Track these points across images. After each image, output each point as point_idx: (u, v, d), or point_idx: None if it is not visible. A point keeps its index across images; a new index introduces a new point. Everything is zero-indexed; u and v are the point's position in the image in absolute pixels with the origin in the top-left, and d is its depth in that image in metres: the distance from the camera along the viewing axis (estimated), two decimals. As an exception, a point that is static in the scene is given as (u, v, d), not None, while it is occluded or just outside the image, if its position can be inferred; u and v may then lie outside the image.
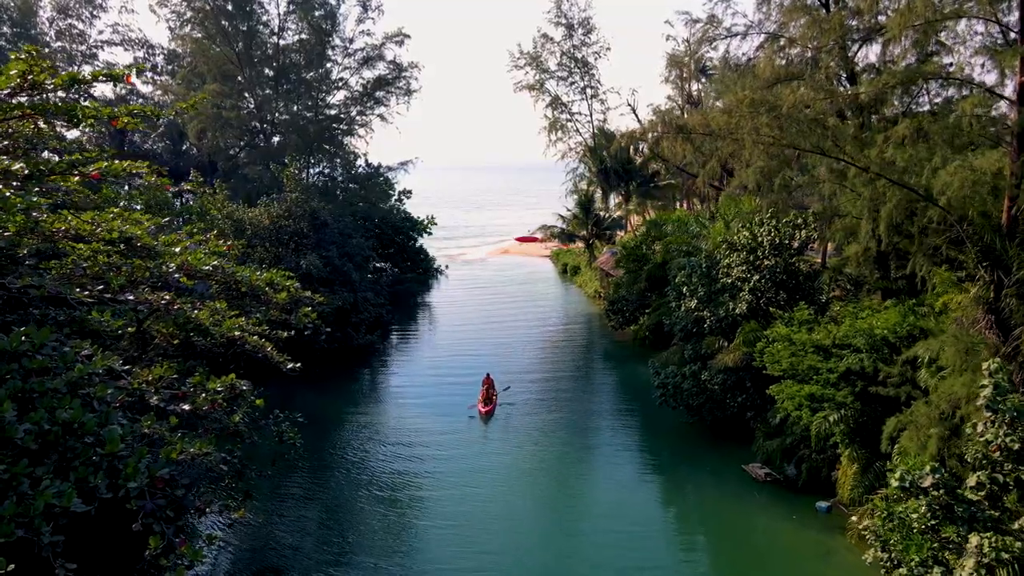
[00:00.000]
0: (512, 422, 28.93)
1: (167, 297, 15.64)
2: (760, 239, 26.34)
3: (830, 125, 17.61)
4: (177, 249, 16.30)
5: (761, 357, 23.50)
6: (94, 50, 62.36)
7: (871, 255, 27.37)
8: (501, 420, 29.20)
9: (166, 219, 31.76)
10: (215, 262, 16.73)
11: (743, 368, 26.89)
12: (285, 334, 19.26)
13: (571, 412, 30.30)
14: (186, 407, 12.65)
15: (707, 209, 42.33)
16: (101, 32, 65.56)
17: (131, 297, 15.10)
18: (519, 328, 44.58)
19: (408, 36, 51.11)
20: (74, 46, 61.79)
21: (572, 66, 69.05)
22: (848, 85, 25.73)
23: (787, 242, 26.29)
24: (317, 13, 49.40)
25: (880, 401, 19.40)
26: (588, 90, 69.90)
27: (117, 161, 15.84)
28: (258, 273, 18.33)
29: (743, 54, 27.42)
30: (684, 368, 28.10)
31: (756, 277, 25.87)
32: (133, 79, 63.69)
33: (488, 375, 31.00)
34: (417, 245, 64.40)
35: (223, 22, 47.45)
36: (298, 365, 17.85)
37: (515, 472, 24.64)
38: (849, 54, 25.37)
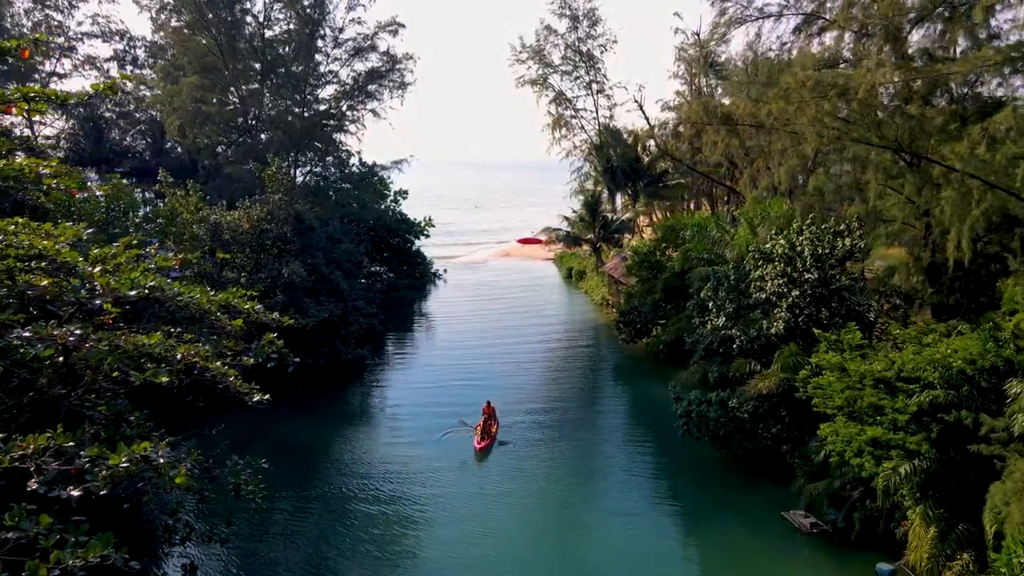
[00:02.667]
0: (511, 456, 25.46)
1: (77, 331, 12.28)
2: (800, 248, 23.02)
3: (914, 114, 14.36)
4: (96, 269, 12.93)
5: (805, 388, 20.21)
6: (73, 43, 59.24)
7: (922, 265, 24.14)
8: (499, 454, 25.74)
9: (109, 227, 28.53)
10: (152, 282, 13.35)
11: (777, 395, 23.64)
12: (251, 361, 15.94)
13: (578, 442, 26.94)
14: (76, 492, 9.37)
15: (726, 212, 38.99)
16: (80, 24, 62.43)
17: (27, 333, 11.81)
18: (522, 340, 41.24)
19: (402, 25, 47.83)
20: (51, 38, 58.64)
21: (577, 60, 65.80)
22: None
23: (828, 252, 22.98)
24: (305, 1, 46.08)
25: (959, 447, 16.12)
26: (593, 85, 66.65)
27: (20, 157, 12.56)
28: (211, 293, 14.92)
29: (777, 37, 24.06)
30: (710, 394, 24.79)
31: (795, 292, 22.56)
32: (95, 67, 59.83)
33: (488, 403, 27.55)
34: (414, 248, 61.16)
35: (205, 11, 44.12)
36: (267, 397, 14.60)
37: (515, 520, 21.31)
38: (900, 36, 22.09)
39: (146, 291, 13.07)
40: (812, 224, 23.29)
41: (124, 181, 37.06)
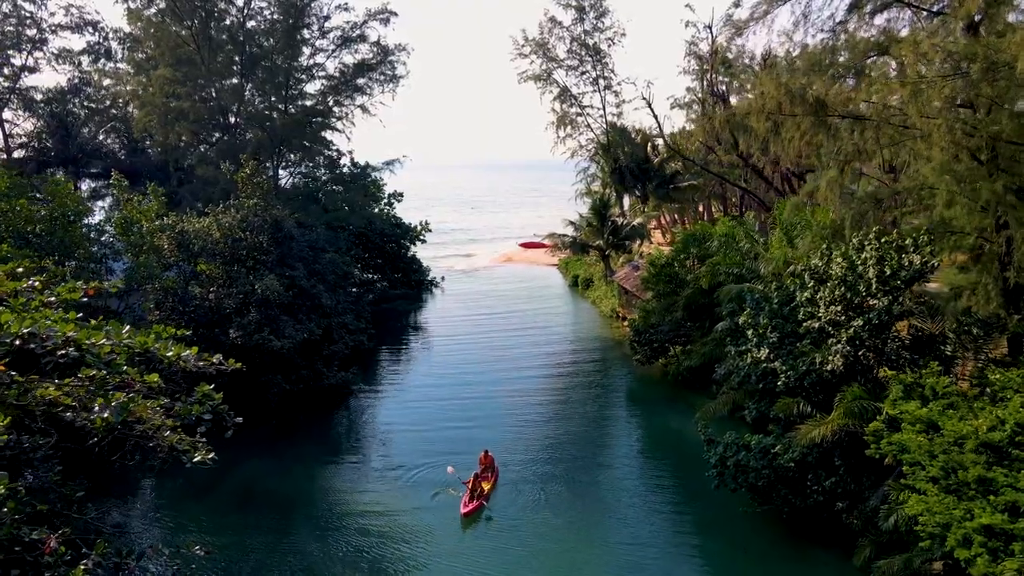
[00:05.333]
0: (507, 515, 21.43)
1: None
2: (862, 269, 19.12)
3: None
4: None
5: (877, 444, 16.35)
6: (45, 35, 55.43)
7: (1001, 287, 20.23)
8: (493, 510, 21.76)
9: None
10: (29, 327, 9.46)
11: (830, 441, 19.75)
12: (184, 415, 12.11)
13: (587, 494, 22.61)
14: None
15: (753, 219, 35.04)
16: (53, 14, 58.68)
17: None
18: (524, 361, 37.15)
19: (394, 13, 43.93)
20: (22, 29, 54.90)
21: (583, 54, 61.96)
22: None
23: (895, 272, 19.07)
24: (288, -13, 42.26)
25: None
26: (600, 81, 62.80)
27: None
28: (127, 334, 10.92)
29: (830, 16, 20.19)
30: (749, 438, 20.90)
31: (858, 322, 18.66)
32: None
33: (486, 452, 23.38)
34: (409, 255, 57.32)
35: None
36: (211, 456, 10.89)
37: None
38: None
39: (16, 342, 9.20)
40: (877, 239, 19.38)
41: (82, 183, 32.94)
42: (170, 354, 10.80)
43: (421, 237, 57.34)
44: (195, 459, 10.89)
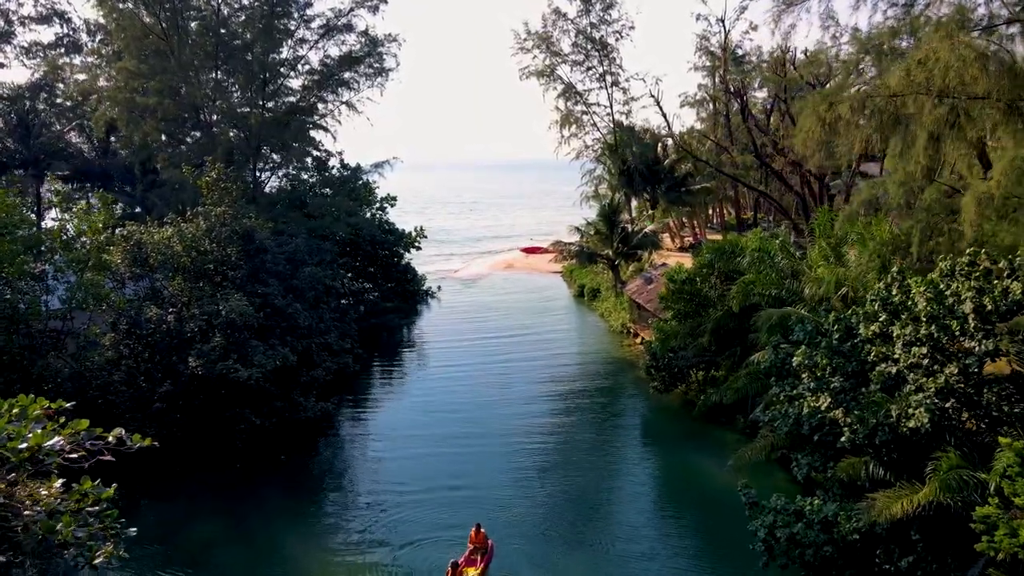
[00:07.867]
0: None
1: None
2: (955, 302, 15.29)
3: None
4: None
5: (990, 535, 12.54)
6: (13, 28, 51.73)
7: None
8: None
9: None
10: None
11: (910, 513, 15.94)
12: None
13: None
14: None
15: (786, 230, 31.14)
16: (22, 4, 55.06)
17: None
18: (527, 390, 32.83)
19: (384, 0, 40.02)
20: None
21: (589, 48, 58.32)
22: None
23: (997, 305, 15.23)
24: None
25: None
26: (607, 77, 59.18)
27: None
28: None
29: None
30: (804, 503, 17.08)
31: (951, 369, 14.84)
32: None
33: (478, 527, 18.82)
34: (403, 263, 53.40)
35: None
36: (121, 551, 7.35)
37: None
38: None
39: None
40: (968, 264, 15.55)
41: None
42: (24, 446, 6.97)
43: (416, 244, 53.50)
44: (96, 560, 7.24)
